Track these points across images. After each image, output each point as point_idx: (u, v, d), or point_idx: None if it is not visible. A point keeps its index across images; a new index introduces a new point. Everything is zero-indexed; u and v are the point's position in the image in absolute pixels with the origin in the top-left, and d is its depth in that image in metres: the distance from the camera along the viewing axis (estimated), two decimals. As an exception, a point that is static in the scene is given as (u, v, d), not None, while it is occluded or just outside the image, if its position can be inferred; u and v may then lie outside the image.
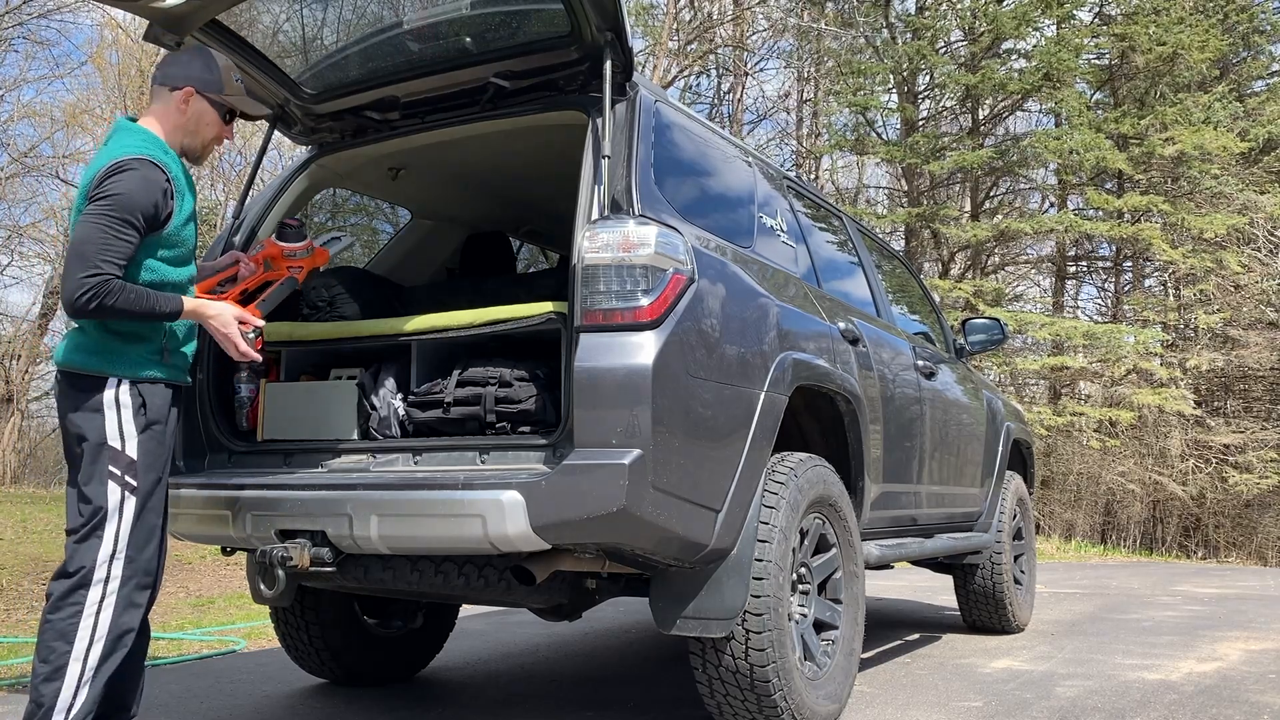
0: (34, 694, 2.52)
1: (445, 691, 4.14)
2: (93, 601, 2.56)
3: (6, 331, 20.42)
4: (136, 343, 2.70)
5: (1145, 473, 16.18)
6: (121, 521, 2.62)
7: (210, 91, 2.85)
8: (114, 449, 2.63)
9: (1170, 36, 15.36)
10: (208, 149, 2.91)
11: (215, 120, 2.88)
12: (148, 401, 2.69)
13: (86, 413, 2.64)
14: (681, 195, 3.19)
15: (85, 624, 2.54)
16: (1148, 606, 7.37)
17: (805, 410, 3.64)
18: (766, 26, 20.41)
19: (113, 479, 2.62)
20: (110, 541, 2.60)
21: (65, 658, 2.51)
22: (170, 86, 2.82)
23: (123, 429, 2.64)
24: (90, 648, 2.54)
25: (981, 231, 16.49)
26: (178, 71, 2.84)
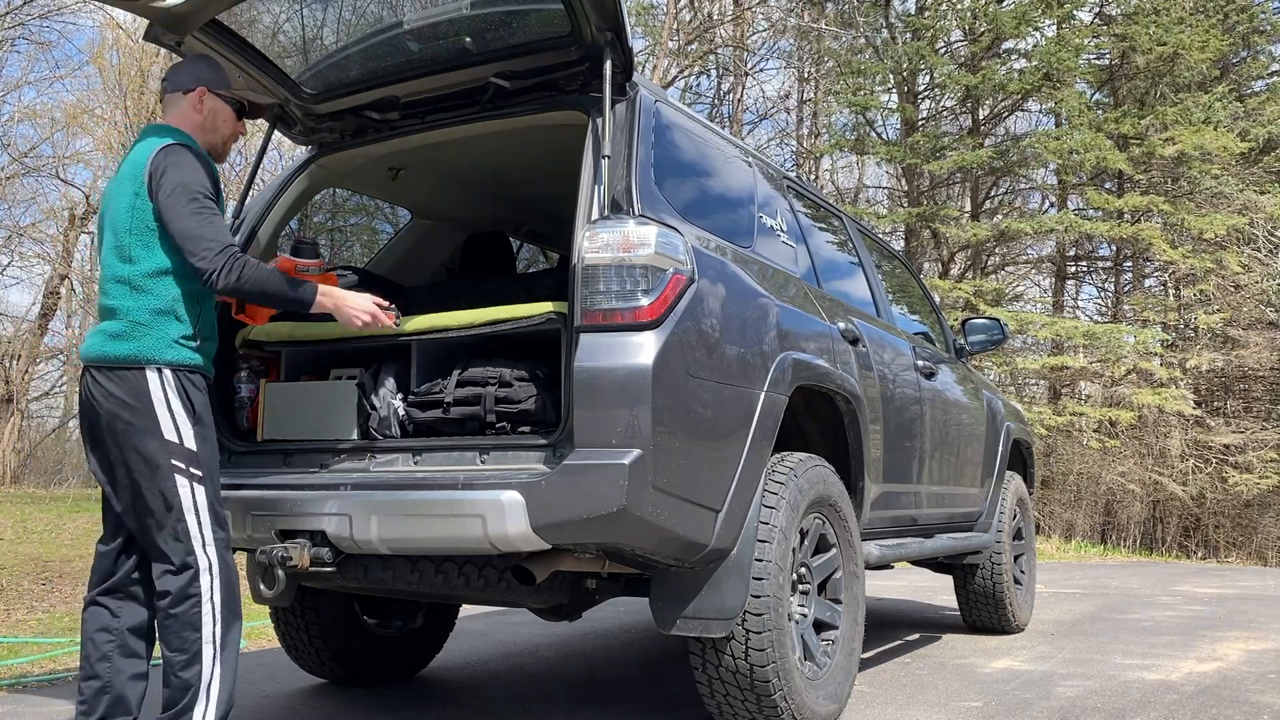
0: (176, 681, 2.69)
1: (445, 691, 4.14)
2: (206, 587, 2.71)
3: (6, 331, 20.43)
4: (171, 324, 2.75)
5: (1145, 473, 16.18)
6: (199, 510, 2.73)
7: (220, 88, 2.98)
8: (172, 443, 2.71)
9: (1170, 36, 15.36)
10: (227, 145, 3.04)
11: (230, 115, 3.01)
12: (191, 394, 2.76)
13: (135, 409, 2.69)
14: (681, 195, 3.19)
15: (206, 609, 2.71)
16: (1148, 606, 7.37)
17: (805, 410, 3.64)
18: (767, 27, 20.43)
19: (179, 473, 2.71)
20: (197, 531, 2.72)
21: (198, 643, 2.69)
22: (183, 90, 2.95)
23: (176, 421, 2.72)
24: (215, 628, 2.71)
25: (981, 231, 16.49)
26: (186, 76, 2.97)
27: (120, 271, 2.75)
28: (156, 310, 2.73)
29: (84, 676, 2.83)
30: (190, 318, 2.79)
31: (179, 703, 2.69)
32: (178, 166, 2.73)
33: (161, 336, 2.73)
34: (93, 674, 2.82)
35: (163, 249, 2.75)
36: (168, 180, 2.72)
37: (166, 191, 2.71)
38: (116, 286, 2.75)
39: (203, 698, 2.69)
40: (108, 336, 2.73)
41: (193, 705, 2.68)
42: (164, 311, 2.74)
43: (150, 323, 2.73)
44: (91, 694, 2.81)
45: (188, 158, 2.77)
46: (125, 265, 2.75)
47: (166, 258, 2.75)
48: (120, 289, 2.75)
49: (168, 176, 2.72)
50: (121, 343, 2.71)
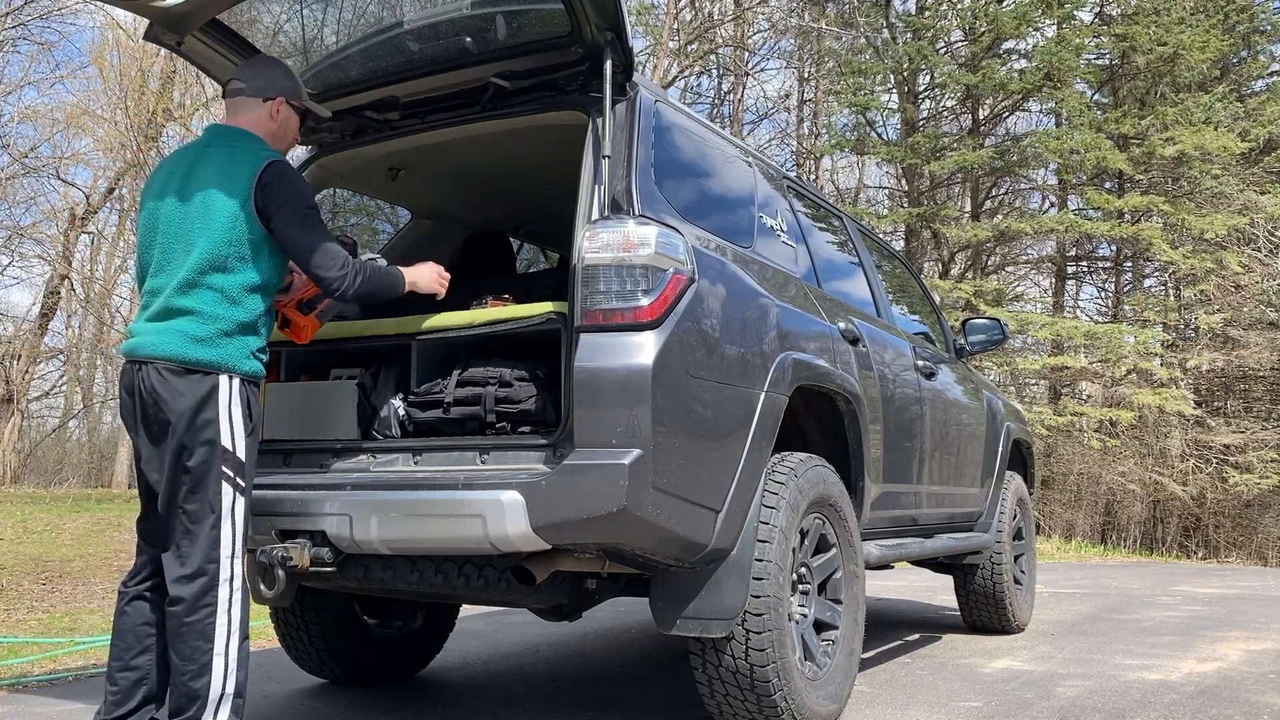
0: (184, 690, 2.65)
1: (445, 691, 4.14)
2: (224, 599, 2.68)
3: (6, 331, 20.44)
4: (251, 335, 2.80)
5: (1145, 473, 16.18)
6: (235, 520, 2.73)
7: (295, 99, 3.03)
8: (226, 449, 2.71)
9: (1171, 37, 15.36)
10: (287, 153, 3.10)
11: (296, 126, 3.08)
12: (251, 403, 2.80)
13: (200, 410, 2.70)
14: (682, 195, 3.19)
15: (221, 620, 2.67)
16: (1148, 606, 7.37)
17: (805, 410, 3.64)
18: (767, 27, 20.44)
19: (225, 480, 2.71)
20: (229, 540, 2.71)
21: (209, 654, 2.65)
22: (263, 97, 2.97)
23: (234, 431, 2.73)
24: (229, 641, 2.68)
25: (982, 231, 16.50)
26: (268, 84, 2.99)
27: (214, 280, 2.74)
28: (243, 322, 2.78)
29: (120, 668, 2.83)
30: (264, 331, 2.87)
31: (185, 712, 2.66)
32: (287, 182, 2.79)
33: (242, 347, 2.77)
34: (130, 666, 2.82)
35: (262, 264, 2.80)
36: (281, 197, 2.76)
37: (281, 207, 2.76)
38: (207, 293, 2.74)
39: (210, 711, 2.66)
40: (190, 339, 2.72)
41: (200, 716, 2.65)
42: (249, 325, 2.79)
43: (235, 333, 2.76)
44: (128, 685, 2.82)
45: (290, 172, 2.83)
46: (220, 275, 2.75)
47: (262, 273, 2.80)
48: (212, 296, 2.74)
49: (280, 193, 2.76)
50: (206, 348, 2.72)
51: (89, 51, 22.56)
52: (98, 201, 20.19)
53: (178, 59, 3.34)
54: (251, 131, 2.93)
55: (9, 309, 31.47)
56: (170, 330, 2.72)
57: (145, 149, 16.43)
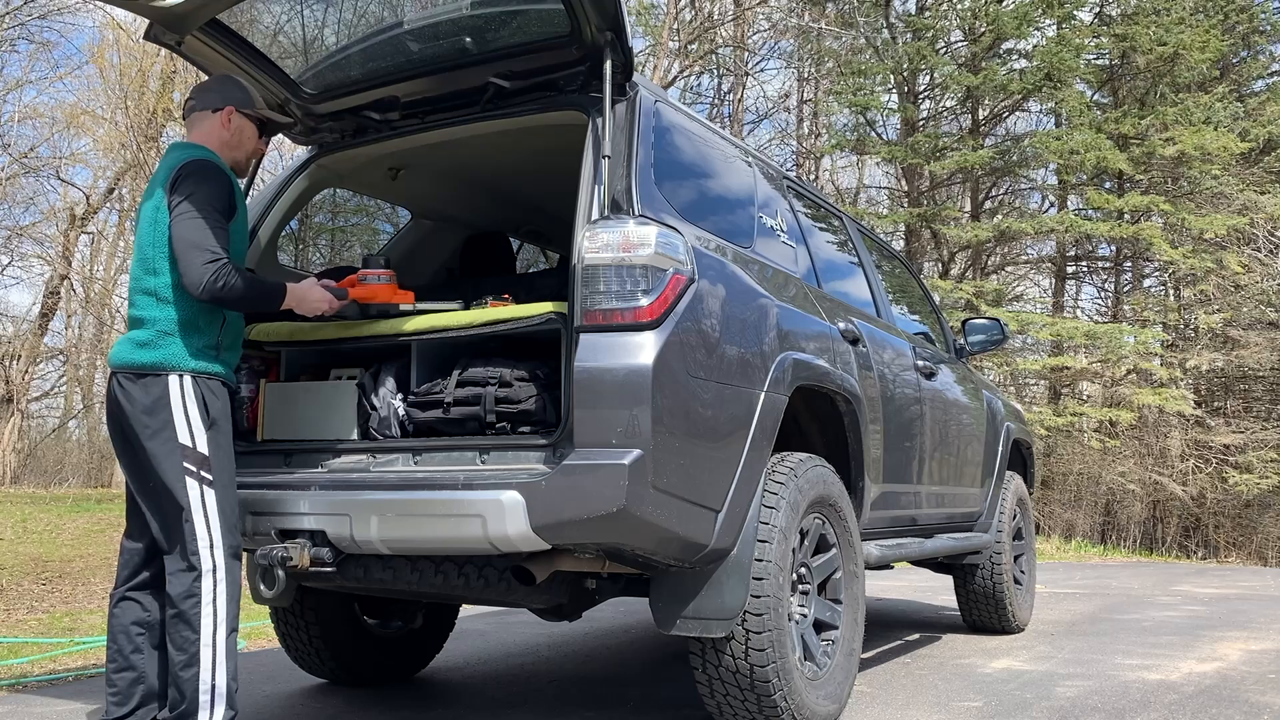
0: (175, 680, 2.75)
1: (445, 691, 4.14)
2: (208, 590, 2.76)
3: (6, 331, 20.44)
4: (194, 334, 2.87)
5: (1145, 473, 16.18)
6: (208, 512, 2.80)
7: (246, 108, 3.11)
8: (185, 446, 2.80)
9: (1171, 37, 15.36)
10: (249, 161, 3.19)
11: (253, 133, 3.15)
12: (208, 400, 2.87)
13: (153, 412, 2.80)
14: (681, 195, 3.18)
15: (206, 612, 2.75)
16: (1148, 606, 7.37)
17: (805, 410, 3.64)
18: (767, 27, 20.43)
19: (190, 475, 2.79)
20: (205, 532, 2.78)
21: (196, 645, 2.74)
22: (211, 109, 3.07)
23: (191, 426, 2.81)
24: (216, 632, 2.76)
25: (982, 232, 16.49)
26: (214, 96, 3.09)
27: (146, 283, 2.87)
28: (181, 321, 2.85)
29: (117, 669, 2.90)
30: (212, 329, 2.91)
31: (180, 705, 2.74)
32: (192, 180, 2.85)
33: (185, 346, 2.85)
34: (127, 665, 2.90)
35: None
36: (181, 192, 2.83)
37: (177, 202, 2.82)
38: (143, 298, 2.87)
39: (205, 703, 2.73)
40: (135, 345, 2.85)
41: (195, 709, 2.73)
42: (188, 322, 2.86)
43: (175, 332, 2.85)
44: (126, 685, 2.89)
45: (202, 170, 2.88)
46: (150, 277, 2.87)
47: None
48: (147, 300, 2.87)
49: (181, 189, 2.83)
50: (148, 351, 2.83)
51: (89, 51, 22.56)
52: (98, 201, 20.20)
53: (178, 59, 3.34)
54: (201, 144, 3.03)
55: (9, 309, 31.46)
56: (123, 340, 2.90)
57: (145, 149, 16.43)
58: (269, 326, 3.41)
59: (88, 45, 26.76)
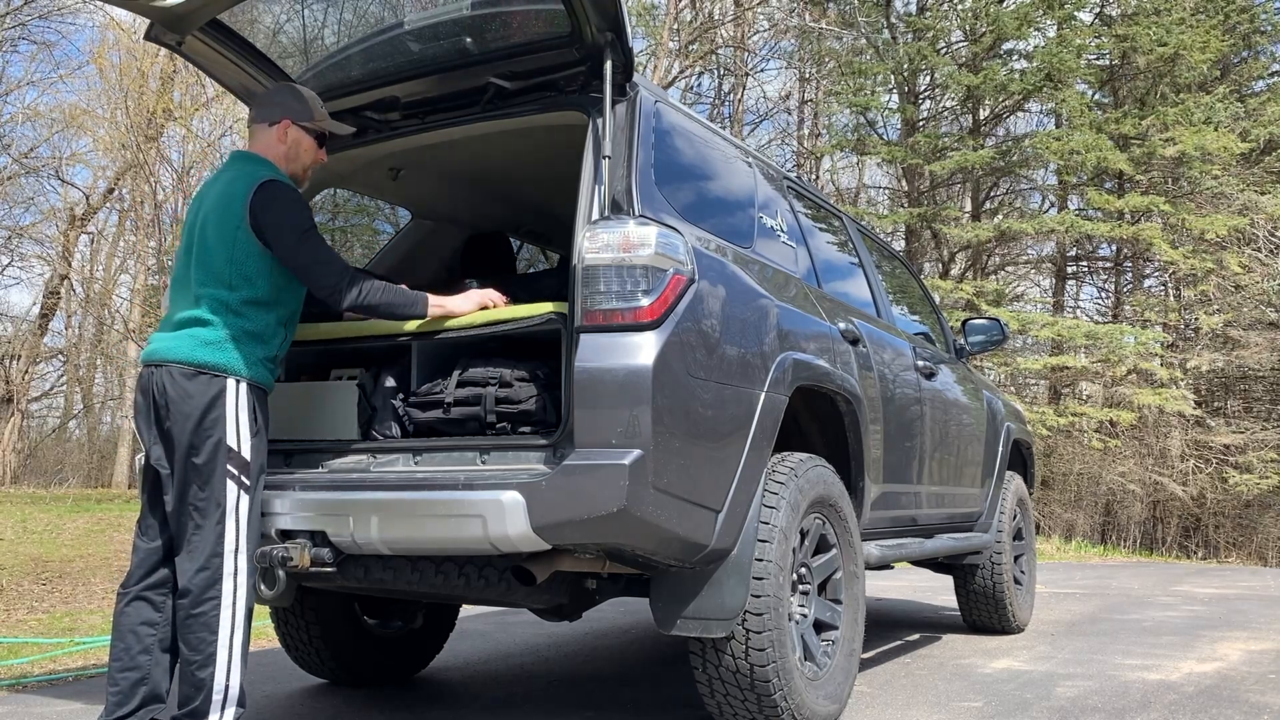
0: (192, 679, 2.76)
1: (445, 691, 4.14)
2: (228, 593, 2.79)
3: (7, 331, 20.45)
4: (258, 344, 2.94)
5: (1145, 473, 16.18)
6: (239, 517, 2.83)
7: (303, 120, 3.14)
8: (231, 448, 2.83)
9: (1171, 37, 15.36)
10: (307, 172, 3.22)
11: (311, 145, 3.18)
12: (257, 408, 2.93)
13: (207, 410, 2.83)
14: (682, 196, 3.19)
15: (225, 615, 2.78)
16: (1148, 607, 7.37)
17: (805, 410, 3.64)
18: (768, 27, 20.44)
19: (230, 478, 2.82)
20: (233, 536, 2.81)
21: (214, 646, 2.76)
22: (269, 122, 3.12)
23: (240, 430, 2.86)
24: (233, 634, 2.79)
25: (982, 232, 16.49)
26: (273, 109, 3.14)
27: (219, 295, 2.91)
28: (249, 332, 2.92)
29: (121, 668, 2.89)
30: (274, 342, 2.99)
31: (193, 702, 2.76)
32: (275, 203, 2.92)
33: (248, 354, 2.91)
34: (133, 665, 2.89)
35: (261, 281, 2.94)
36: (270, 219, 2.90)
37: (277, 232, 2.91)
38: (215, 304, 2.91)
39: (218, 703, 2.76)
40: (201, 343, 2.88)
41: (207, 708, 2.75)
42: (254, 334, 2.93)
43: (242, 340, 2.91)
44: (129, 685, 2.88)
45: (280, 192, 2.96)
46: (225, 290, 2.92)
47: (263, 289, 2.94)
48: (219, 308, 2.91)
49: (269, 216, 2.90)
50: (214, 351, 2.87)
51: (89, 51, 22.58)
52: (97, 201, 20.21)
53: (178, 59, 3.34)
54: (261, 155, 3.09)
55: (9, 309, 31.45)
56: (183, 336, 2.90)
57: (145, 149, 16.43)
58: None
59: (88, 45, 26.78)
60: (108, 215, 21.94)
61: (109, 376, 24.54)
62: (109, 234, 22.92)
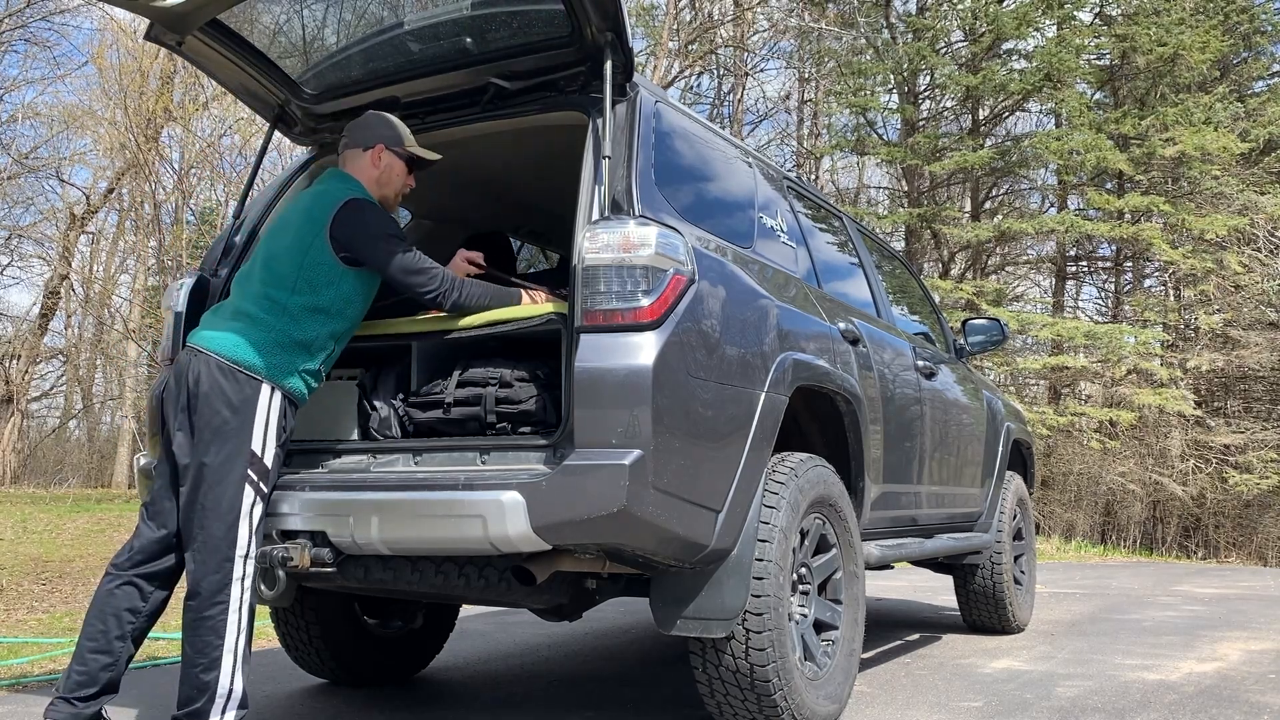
0: (195, 682, 2.75)
1: (445, 691, 4.14)
2: (235, 597, 2.78)
3: (6, 331, 20.45)
4: (303, 355, 2.95)
5: (1145, 473, 16.18)
6: (252, 523, 2.82)
7: (395, 145, 3.22)
8: (255, 453, 2.83)
9: (1171, 37, 15.36)
10: (398, 197, 3.29)
11: (402, 170, 3.25)
12: (286, 420, 2.92)
13: (239, 410, 2.83)
14: (682, 196, 3.19)
15: (232, 619, 2.77)
16: (1148, 606, 7.37)
17: (805, 410, 3.64)
18: (767, 27, 20.43)
19: (249, 483, 2.81)
20: (245, 540, 2.80)
21: (219, 650, 2.75)
22: (363, 147, 3.19)
23: (266, 437, 2.86)
24: (239, 638, 2.78)
25: (982, 232, 16.50)
26: (367, 134, 3.21)
27: (279, 297, 2.94)
28: (298, 340, 2.93)
29: (95, 649, 2.86)
30: (320, 355, 3.00)
31: (195, 703, 2.75)
32: (363, 216, 3.01)
33: (290, 363, 2.92)
34: (106, 649, 2.86)
35: (329, 291, 2.98)
36: (357, 230, 2.98)
37: (359, 239, 2.98)
38: (271, 305, 2.93)
39: (219, 704, 2.75)
40: (246, 341, 2.88)
41: (209, 709, 2.74)
42: (303, 343, 2.94)
43: (288, 347, 2.92)
44: (98, 668, 2.85)
45: (368, 207, 3.04)
46: (286, 294, 2.95)
47: (325, 299, 2.97)
48: (275, 309, 2.93)
49: (356, 227, 2.98)
50: (257, 354, 2.87)
51: (89, 51, 22.56)
52: (97, 201, 20.21)
53: (178, 59, 3.32)
54: (353, 176, 3.17)
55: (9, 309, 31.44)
56: (231, 330, 2.91)
57: (145, 149, 16.42)
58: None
59: (87, 45, 26.77)
60: (108, 215, 21.95)
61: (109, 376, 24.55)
62: (109, 234, 22.94)
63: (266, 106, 3.61)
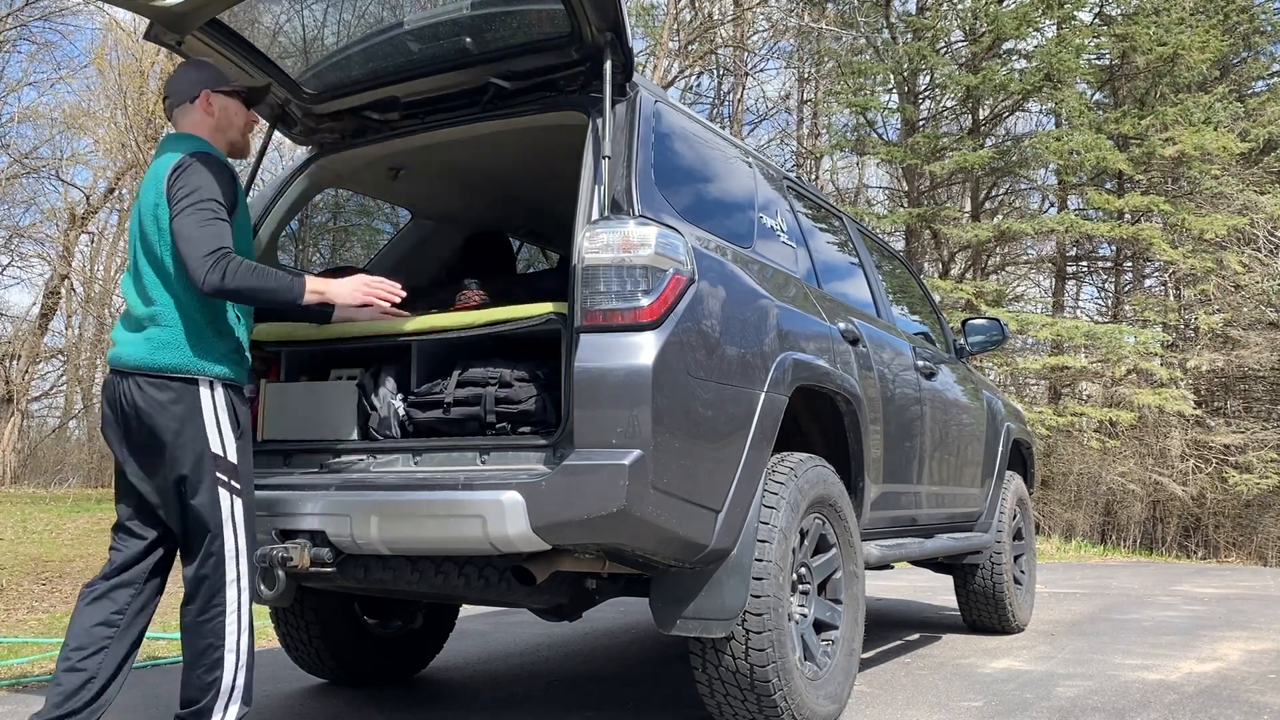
0: (198, 683, 2.72)
1: (445, 691, 4.14)
2: (233, 599, 2.75)
3: (6, 332, 20.44)
4: (217, 338, 2.79)
5: (1145, 473, 16.17)
6: (236, 522, 2.76)
7: (221, 85, 2.98)
8: (217, 455, 2.74)
9: (1171, 37, 15.36)
10: (245, 137, 3.05)
11: (239, 108, 3.01)
12: (237, 408, 2.81)
13: (184, 419, 2.71)
14: (682, 196, 3.19)
15: (231, 621, 2.74)
16: (1148, 606, 7.37)
17: (805, 410, 3.64)
18: (767, 27, 20.42)
19: (221, 485, 2.74)
20: (233, 542, 2.75)
21: (221, 651, 2.73)
22: (189, 99, 2.94)
23: (223, 434, 2.76)
24: (240, 638, 2.75)
25: (982, 232, 16.49)
26: (186, 85, 2.95)
27: (165, 288, 2.75)
28: (204, 325, 2.77)
29: (67, 669, 2.73)
30: (230, 332, 2.83)
31: (199, 702, 2.73)
32: (186, 175, 2.74)
33: (212, 350, 2.77)
34: (77, 668, 2.72)
35: None
36: (175, 189, 2.73)
37: (172, 199, 2.72)
38: (164, 300, 2.74)
39: (223, 701, 2.74)
40: (156, 345, 2.72)
41: (212, 707, 2.73)
42: (211, 324, 2.78)
43: (201, 336, 2.75)
44: (73, 688, 2.71)
45: (200, 167, 2.75)
46: (169, 281, 2.75)
47: None
48: (168, 304, 2.74)
49: (175, 187, 2.73)
50: (172, 352, 2.72)
51: (89, 51, 22.56)
52: (97, 201, 20.20)
53: (177, 59, 3.31)
54: (191, 133, 2.90)
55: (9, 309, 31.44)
56: (139, 340, 2.75)
57: (145, 149, 16.43)
58: (269, 326, 3.41)
59: (88, 46, 26.78)
60: (108, 215, 21.94)
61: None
62: (109, 234, 22.91)
63: (266, 106, 3.61)
